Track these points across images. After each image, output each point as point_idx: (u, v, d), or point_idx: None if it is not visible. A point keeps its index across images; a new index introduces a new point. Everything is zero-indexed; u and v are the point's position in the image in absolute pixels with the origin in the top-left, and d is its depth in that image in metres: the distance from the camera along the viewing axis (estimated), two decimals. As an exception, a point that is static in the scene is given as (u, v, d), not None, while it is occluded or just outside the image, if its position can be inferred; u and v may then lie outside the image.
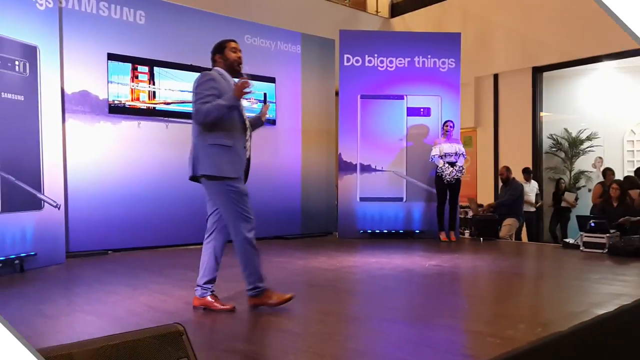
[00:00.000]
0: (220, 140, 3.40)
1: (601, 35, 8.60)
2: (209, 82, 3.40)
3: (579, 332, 2.88)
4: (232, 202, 3.38)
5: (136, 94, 6.56)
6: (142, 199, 6.54)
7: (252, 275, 3.47)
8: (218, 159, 3.36)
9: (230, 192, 3.38)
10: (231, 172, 3.39)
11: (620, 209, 6.85)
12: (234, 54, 3.58)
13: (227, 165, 3.38)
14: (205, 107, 3.31)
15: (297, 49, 8.07)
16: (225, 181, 3.37)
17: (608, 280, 4.52)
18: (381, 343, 2.87)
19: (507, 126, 10.05)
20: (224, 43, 3.63)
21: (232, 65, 3.59)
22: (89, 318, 3.41)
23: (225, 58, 3.58)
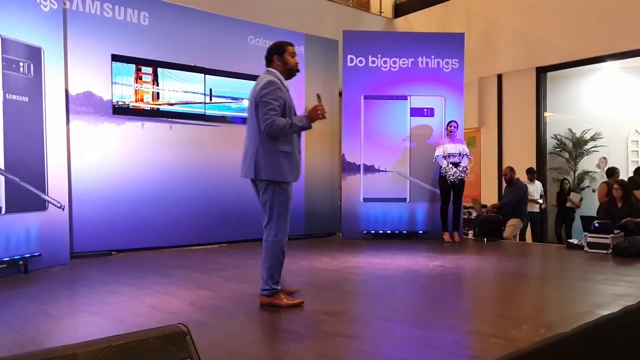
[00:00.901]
0: (283, 147, 3.54)
1: (605, 35, 8.59)
2: (276, 91, 3.50)
3: (583, 333, 2.87)
4: (281, 205, 3.56)
5: (140, 94, 6.58)
6: (146, 200, 6.56)
7: (272, 277, 3.61)
8: (281, 165, 3.53)
9: (282, 195, 3.57)
10: (290, 177, 3.58)
11: (625, 209, 6.82)
12: (293, 59, 3.69)
13: (287, 171, 3.56)
14: (282, 123, 3.44)
15: (301, 50, 8.07)
16: (282, 185, 3.55)
17: (612, 281, 4.51)
18: (385, 344, 2.87)
19: (511, 126, 10.03)
20: (284, 46, 3.70)
21: (291, 70, 3.70)
22: (92, 318, 3.42)
23: (284, 61, 3.67)
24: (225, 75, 7.27)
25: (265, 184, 3.56)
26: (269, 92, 3.47)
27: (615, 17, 8.46)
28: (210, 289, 4.26)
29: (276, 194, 3.55)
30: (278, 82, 3.56)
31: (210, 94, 7.14)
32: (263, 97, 3.47)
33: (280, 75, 3.64)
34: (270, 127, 3.43)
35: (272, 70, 3.66)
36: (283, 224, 3.57)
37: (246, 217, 7.36)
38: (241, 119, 7.43)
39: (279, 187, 3.55)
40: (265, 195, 3.59)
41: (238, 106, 7.40)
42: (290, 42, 3.77)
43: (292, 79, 3.77)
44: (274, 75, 3.61)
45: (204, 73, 7.07)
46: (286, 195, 3.58)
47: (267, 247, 3.60)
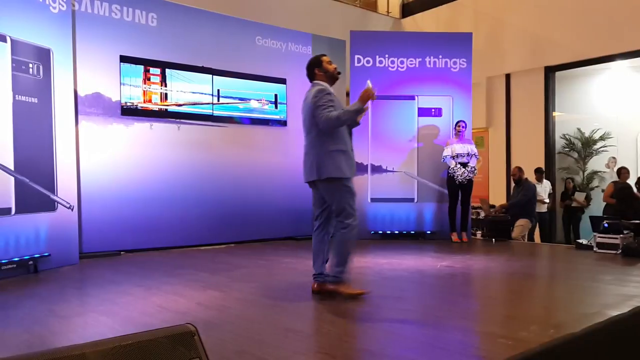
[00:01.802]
0: (338, 146, 3.85)
1: (614, 34, 8.53)
2: (327, 95, 3.86)
3: (592, 333, 2.86)
4: (347, 198, 3.84)
5: (148, 95, 6.61)
6: (155, 200, 6.59)
7: (339, 265, 3.85)
8: (339, 163, 3.82)
9: (346, 190, 3.85)
10: (348, 172, 3.87)
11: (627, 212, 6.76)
12: (331, 65, 4.04)
13: (346, 168, 3.85)
14: (335, 114, 3.77)
15: (308, 50, 8.08)
16: (343, 181, 3.84)
17: (621, 281, 4.48)
18: (393, 344, 2.87)
19: (519, 126, 9.99)
20: (319, 58, 4.07)
21: (332, 76, 4.05)
22: (101, 318, 3.43)
23: (324, 70, 4.02)
24: (233, 76, 7.29)
25: (328, 182, 3.84)
26: (319, 97, 3.83)
27: (624, 16, 8.40)
28: (219, 289, 4.27)
29: (342, 189, 3.83)
30: (326, 88, 3.92)
31: (218, 94, 7.16)
32: (317, 102, 3.83)
33: (326, 82, 4.01)
34: (327, 120, 3.76)
35: (317, 82, 4.02)
36: (352, 217, 3.83)
37: (254, 218, 7.39)
38: (248, 120, 7.45)
39: (342, 182, 3.83)
40: (329, 193, 3.89)
41: (245, 107, 7.41)
42: (323, 53, 4.16)
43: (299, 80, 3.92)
44: (322, 85, 3.96)
45: (212, 74, 7.09)
46: (350, 189, 3.86)
47: (336, 236, 3.87)
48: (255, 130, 7.52)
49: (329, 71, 4.02)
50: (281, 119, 7.77)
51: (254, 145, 7.50)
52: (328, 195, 3.90)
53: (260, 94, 7.55)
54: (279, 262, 5.78)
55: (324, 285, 3.97)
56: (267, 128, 7.65)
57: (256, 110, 7.53)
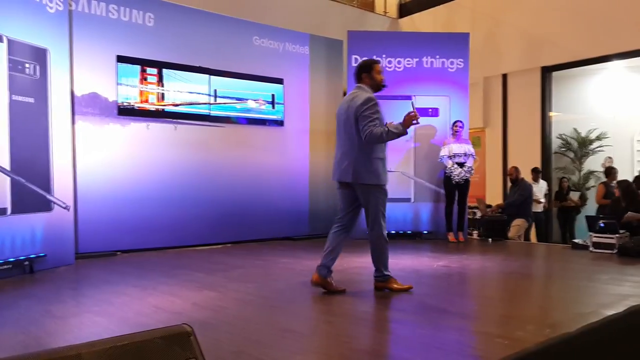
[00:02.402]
0: (378, 154, 4.03)
1: (610, 35, 8.55)
2: (375, 105, 3.97)
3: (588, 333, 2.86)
4: (381, 204, 4.04)
5: (145, 95, 6.60)
6: (151, 201, 6.58)
7: (383, 265, 4.10)
8: (379, 171, 4.02)
9: (381, 196, 4.05)
10: (385, 180, 4.07)
11: (630, 208, 6.78)
12: (379, 76, 4.15)
13: (383, 175, 4.06)
14: (379, 132, 3.90)
15: (306, 50, 8.08)
16: (380, 188, 4.04)
17: (617, 281, 4.49)
18: (389, 344, 2.87)
19: (516, 126, 10.00)
20: (372, 64, 4.17)
21: (378, 86, 4.16)
22: (97, 319, 3.43)
23: (372, 78, 4.13)
24: (230, 76, 7.29)
25: (366, 187, 4.01)
26: (368, 107, 3.93)
27: (621, 16, 8.42)
28: (215, 289, 4.27)
29: (379, 195, 4.03)
30: (374, 98, 4.01)
31: (215, 94, 7.16)
32: (364, 111, 3.93)
33: (371, 89, 4.13)
34: (370, 136, 3.90)
35: (362, 86, 4.13)
36: (383, 217, 4.05)
37: (251, 218, 7.39)
38: (245, 120, 7.44)
39: (379, 189, 4.02)
40: (366, 197, 4.05)
41: (243, 107, 7.41)
42: (377, 60, 4.28)
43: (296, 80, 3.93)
44: (368, 91, 4.08)
45: (209, 74, 7.09)
46: (384, 196, 4.06)
47: (371, 237, 4.09)
48: (252, 131, 7.52)
49: (376, 80, 4.14)
50: (278, 119, 7.77)
51: (251, 146, 7.50)
52: (365, 199, 4.07)
53: (258, 94, 7.55)
54: (276, 262, 5.78)
55: (324, 280, 4.13)
56: (264, 128, 7.65)
57: (253, 111, 7.52)
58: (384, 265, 4.12)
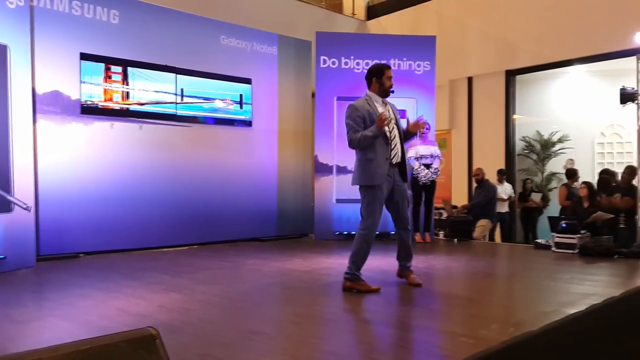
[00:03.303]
0: (366, 155, 4.20)
1: (572, 40, 8.78)
2: (353, 112, 4.24)
3: (550, 331, 2.92)
4: (367, 203, 4.20)
5: (109, 94, 6.47)
6: (115, 201, 6.45)
7: (354, 263, 4.22)
8: (364, 171, 4.20)
9: (367, 196, 4.20)
10: (370, 180, 4.16)
11: (591, 209, 6.99)
12: (389, 81, 4.28)
13: (368, 175, 4.17)
14: (357, 137, 4.17)
15: (274, 50, 8.05)
16: (368, 188, 4.19)
17: (578, 280, 4.61)
18: (357, 345, 2.88)
19: (481, 128, 10.18)
20: (383, 69, 4.30)
21: (385, 91, 4.30)
22: (59, 322, 3.34)
23: (381, 83, 4.28)
24: (197, 75, 7.21)
25: (360, 188, 4.25)
26: (347, 116, 4.27)
27: (582, 22, 8.66)
28: (181, 291, 4.21)
29: (365, 195, 4.21)
30: (357, 103, 4.27)
31: (181, 94, 7.07)
32: (345, 120, 4.28)
33: (376, 95, 4.30)
34: (350, 142, 4.25)
35: (368, 93, 4.34)
36: (371, 221, 4.18)
37: (218, 219, 7.32)
38: (213, 120, 7.37)
39: (365, 190, 4.21)
40: (360, 196, 4.27)
41: (210, 106, 7.34)
42: (388, 66, 4.38)
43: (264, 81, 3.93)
44: (364, 98, 4.31)
45: (176, 73, 7.00)
46: (372, 197, 4.17)
47: (356, 237, 4.24)
48: (219, 130, 7.45)
49: (384, 86, 4.28)
50: (246, 119, 7.72)
51: (218, 146, 7.43)
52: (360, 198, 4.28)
53: (225, 94, 7.49)
54: (243, 263, 5.74)
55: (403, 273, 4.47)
56: (232, 128, 7.59)
57: (221, 110, 7.46)
58: (354, 265, 4.21)
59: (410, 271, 4.49)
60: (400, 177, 4.37)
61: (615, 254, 5.79)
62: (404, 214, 4.43)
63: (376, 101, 4.31)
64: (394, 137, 4.29)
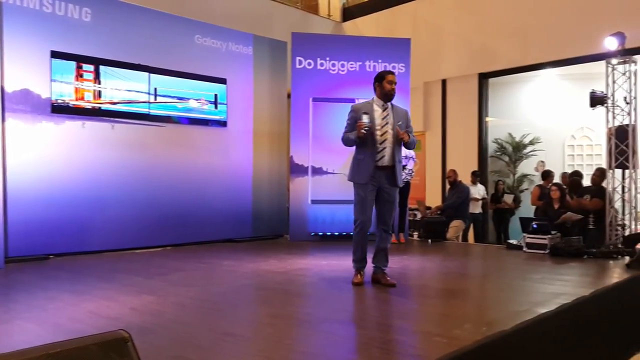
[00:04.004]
0: (357, 155, 4.52)
1: (544, 43, 8.95)
2: (350, 113, 4.56)
3: (522, 330, 2.98)
4: (355, 201, 4.57)
5: (81, 93, 6.36)
6: (86, 202, 6.34)
7: (353, 256, 4.66)
8: (353, 170, 4.56)
9: (355, 194, 4.56)
10: (357, 179, 4.50)
11: (561, 210, 7.13)
12: (389, 85, 4.47)
13: (355, 174, 4.52)
14: (344, 137, 4.56)
15: (249, 50, 8.02)
16: (356, 185, 4.54)
17: (549, 280, 4.69)
18: (332, 345, 2.88)
19: (454, 130, 10.31)
20: (384, 74, 4.51)
21: (386, 95, 4.50)
22: (28, 326, 3.27)
23: (382, 87, 4.49)
24: (171, 75, 7.13)
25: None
26: (348, 117, 4.58)
27: (554, 27, 8.83)
28: (154, 293, 4.16)
29: (354, 193, 4.58)
30: (356, 106, 4.58)
31: (155, 93, 6.98)
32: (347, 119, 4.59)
33: (378, 98, 4.53)
34: (342, 141, 4.61)
35: (374, 97, 4.57)
36: (357, 215, 4.56)
37: (192, 220, 7.25)
38: (187, 119, 7.30)
39: (354, 187, 4.56)
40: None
41: (184, 106, 7.27)
42: (390, 71, 4.60)
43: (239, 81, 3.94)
44: (368, 101, 4.58)
45: (149, 72, 6.91)
46: (358, 195, 4.52)
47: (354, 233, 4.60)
48: (194, 131, 7.38)
49: (384, 89, 4.47)
50: (221, 119, 7.67)
51: (192, 146, 7.36)
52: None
53: (200, 94, 7.43)
54: (217, 265, 5.70)
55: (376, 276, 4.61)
56: (207, 128, 7.53)
57: (195, 110, 7.39)
58: (353, 256, 4.66)
59: (384, 274, 4.54)
60: (388, 181, 4.49)
61: (585, 254, 5.91)
62: (385, 217, 4.56)
63: (377, 104, 4.50)
64: (383, 141, 4.44)
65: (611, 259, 5.75)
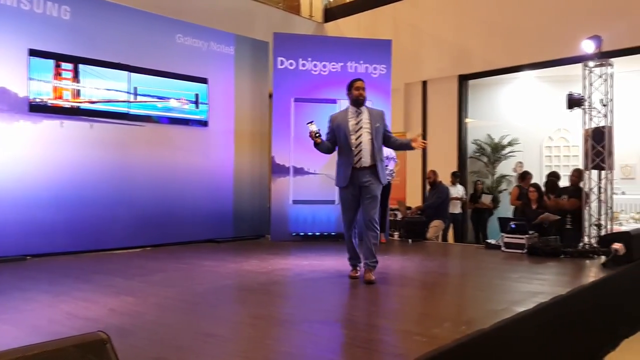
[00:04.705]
0: (339, 160, 4.82)
1: (522, 46, 9.07)
2: (327, 123, 4.86)
3: (501, 329, 3.02)
4: (340, 203, 4.90)
5: (59, 92, 6.27)
6: (65, 202, 6.26)
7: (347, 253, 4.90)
8: (336, 174, 4.85)
9: (339, 196, 4.92)
10: (338, 182, 4.81)
11: (539, 211, 7.23)
12: (356, 91, 4.75)
13: (337, 178, 4.82)
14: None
15: (231, 50, 7.99)
16: (339, 189, 4.85)
17: (527, 279, 4.76)
18: (313, 345, 2.89)
19: (434, 131, 10.39)
20: (352, 83, 4.81)
21: (355, 100, 4.77)
22: (5, 327, 3.22)
23: (350, 94, 4.79)
24: (152, 74, 7.07)
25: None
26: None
27: (532, 29, 8.96)
28: (133, 294, 4.12)
29: (339, 196, 4.92)
30: (333, 115, 4.89)
31: (135, 92, 6.92)
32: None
33: (352, 105, 4.78)
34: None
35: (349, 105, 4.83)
36: (344, 218, 4.85)
37: (173, 220, 7.21)
38: (167, 119, 7.25)
39: (339, 190, 4.86)
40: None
41: (164, 106, 7.21)
42: (357, 78, 4.87)
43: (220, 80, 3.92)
44: (344, 109, 4.86)
45: (129, 71, 6.84)
46: (341, 197, 4.87)
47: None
48: (174, 130, 7.33)
49: (352, 96, 4.76)
50: (202, 119, 7.63)
51: (173, 146, 7.31)
52: None
53: (180, 93, 7.38)
54: (198, 265, 5.66)
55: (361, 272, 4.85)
56: (187, 128, 7.48)
57: (176, 110, 7.34)
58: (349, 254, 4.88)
59: (369, 269, 4.64)
60: (369, 178, 4.66)
61: (562, 254, 6.00)
62: (368, 212, 4.67)
63: (350, 111, 4.75)
64: (358, 144, 4.64)
65: (587, 259, 5.84)
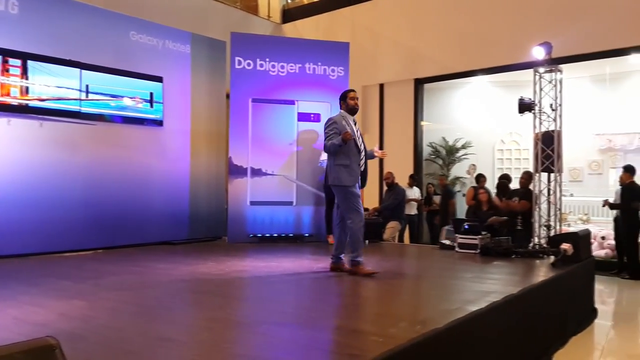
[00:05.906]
0: (342, 161, 5.01)
1: (476, 52, 9.30)
2: (332, 125, 5.07)
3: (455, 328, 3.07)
4: (348, 200, 5.00)
5: (6, 88, 6.04)
6: (12, 202, 6.02)
7: (355, 251, 5.01)
8: (340, 174, 5.01)
9: (345, 195, 5.01)
10: (349, 182, 4.99)
11: (490, 212, 7.42)
12: (352, 101, 5.19)
13: (347, 178, 4.99)
14: (330, 144, 5.01)
15: (187, 49, 7.87)
16: (342, 188, 5.01)
17: (480, 279, 4.87)
18: (270, 348, 2.87)
19: (391, 134, 10.53)
20: (347, 93, 5.23)
21: (351, 109, 5.20)
22: (-55, 335, 3.07)
23: (347, 104, 5.18)
24: (104, 72, 6.89)
25: (334, 187, 5.09)
26: (327, 126, 5.11)
27: (486, 36, 9.19)
28: (85, 298, 4.00)
29: (343, 195, 5.03)
30: (336, 117, 5.12)
31: (86, 90, 6.73)
32: (324, 130, 5.14)
33: (346, 113, 5.16)
34: (325, 147, 5.12)
35: (341, 111, 5.20)
36: (355, 213, 4.97)
37: (125, 222, 7.03)
38: (120, 118, 7.08)
39: (342, 189, 5.02)
40: (336, 195, 5.15)
41: (118, 104, 7.04)
42: (352, 89, 5.35)
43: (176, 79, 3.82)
44: (339, 114, 5.17)
45: (80, 68, 6.65)
46: (350, 194, 4.98)
47: (353, 231, 4.96)
48: (128, 130, 7.16)
49: (349, 105, 5.17)
50: (157, 118, 7.48)
51: (126, 145, 7.14)
52: (337, 197, 5.15)
53: (134, 92, 7.22)
54: (153, 268, 5.55)
55: (338, 265, 5.21)
56: (142, 128, 7.33)
57: (129, 109, 7.18)
58: (357, 252, 4.99)
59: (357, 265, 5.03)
60: (360, 182, 5.12)
61: (513, 254, 6.17)
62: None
63: (349, 118, 5.12)
64: (363, 148, 5.13)
65: (537, 259, 6.02)
